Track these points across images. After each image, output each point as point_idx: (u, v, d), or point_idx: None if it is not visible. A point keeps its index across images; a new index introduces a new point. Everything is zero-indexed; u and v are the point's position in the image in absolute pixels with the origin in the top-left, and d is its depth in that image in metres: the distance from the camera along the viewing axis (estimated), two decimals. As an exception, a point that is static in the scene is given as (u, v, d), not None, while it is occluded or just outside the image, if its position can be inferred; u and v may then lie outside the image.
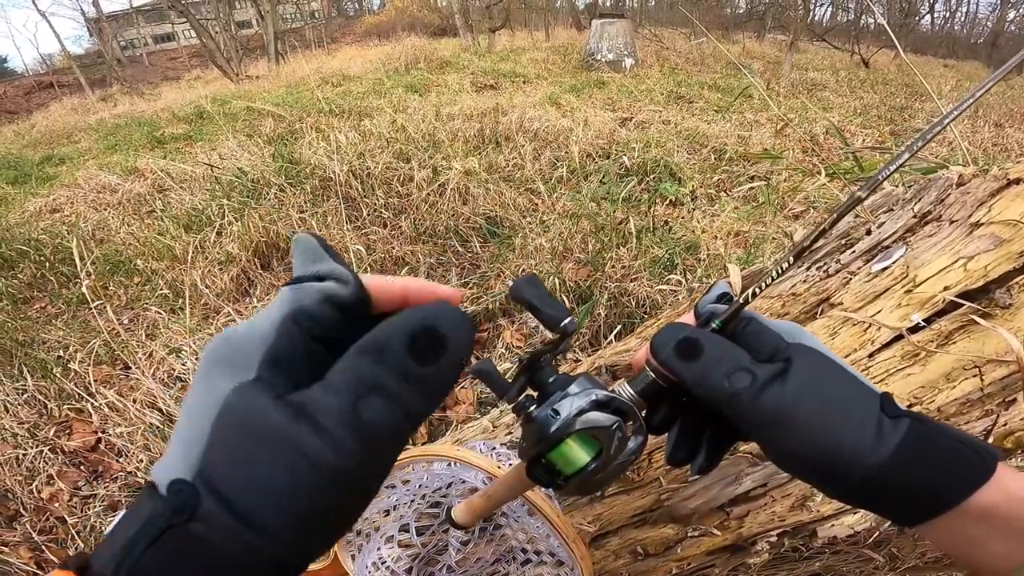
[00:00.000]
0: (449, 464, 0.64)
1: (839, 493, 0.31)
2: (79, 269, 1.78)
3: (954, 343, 0.53)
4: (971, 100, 0.33)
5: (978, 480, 0.27)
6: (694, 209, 2.90)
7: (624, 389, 0.36)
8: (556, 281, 2.06)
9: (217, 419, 0.23)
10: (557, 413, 0.35)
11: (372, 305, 0.28)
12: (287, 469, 0.22)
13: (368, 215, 2.81)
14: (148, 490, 0.23)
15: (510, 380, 0.39)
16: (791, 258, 0.34)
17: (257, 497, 0.22)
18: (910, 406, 0.54)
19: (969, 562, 0.29)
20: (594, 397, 0.35)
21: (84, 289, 1.73)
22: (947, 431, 0.29)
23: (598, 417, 0.35)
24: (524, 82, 7.24)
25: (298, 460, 0.22)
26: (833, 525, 0.55)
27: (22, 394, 1.80)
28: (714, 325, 0.34)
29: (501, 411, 0.88)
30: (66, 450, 1.62)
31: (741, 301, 0.34)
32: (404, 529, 0.66)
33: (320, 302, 0.26)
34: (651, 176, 3.29)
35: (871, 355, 0.57)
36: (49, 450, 1.59)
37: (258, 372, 0.24)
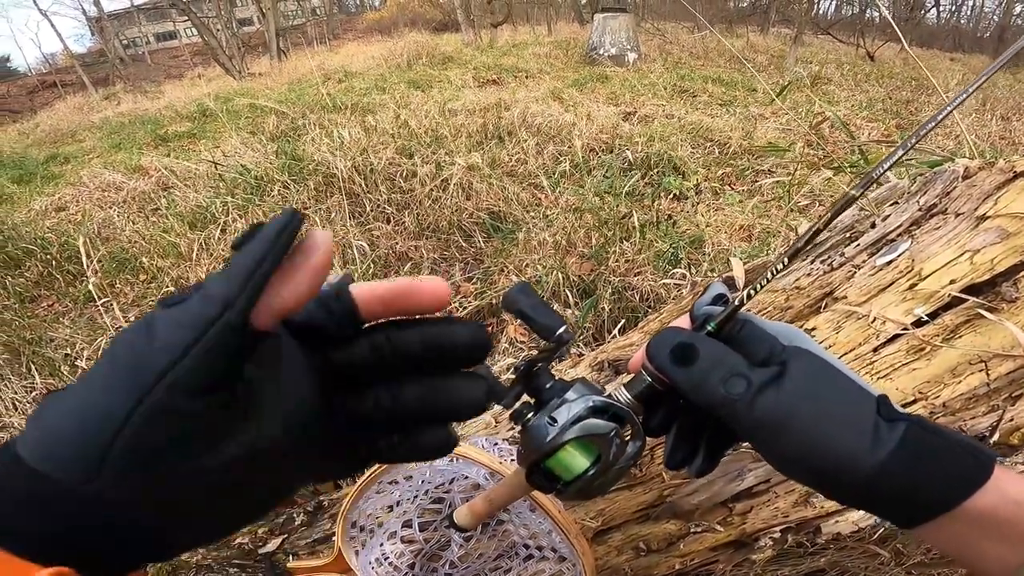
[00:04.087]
0: (451, 460, 0.64)
1: (837, 496, 0.31)
2: (86, 267, 1.79)
3: (960, 337, 0.53)
4: (965, 95, 0.32)
5: (975, 483, 0.27)
6: (698, 203, 2.89)
7: (621, 393, 0.36)
8: (559, 276, 2.05)
9: None
10: (555, 420, 0.35)
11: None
12: None
13: (371, 211, 2.81)
14: None
15: (509, 383, 0.38)
16: (786, 258, 0.34)
17: None
18: (915, 401, 0.53)
19: (967, 564, 0.29)
20: (591, 403, 0.35)
21: (91, 287, 1.74)
22: (945, 434, 0.29)
23: (596, 424, 0.35)
24: (527, 77, 7.20)
25: None
26: (837, 521, 0.55)
27: (30, 392, 1.81)
28: (709, 328, 0.34)
29: (504, 407, 0.88)
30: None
31: (736, 303, 0.34)
32: (407, 525, 0.66)
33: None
34: (655, 170, 3.28)
35: (876, 350, 0.57)
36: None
37: None
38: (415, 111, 4.39)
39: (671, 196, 3.04)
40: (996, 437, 0.50)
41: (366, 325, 0.26)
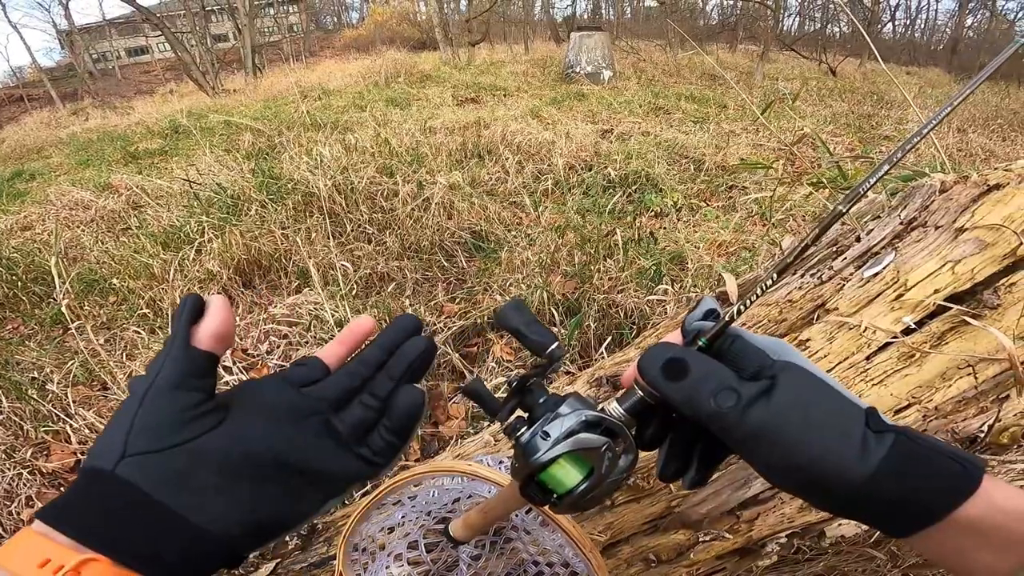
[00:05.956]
0: (454, 479, 0.64)
1: (827, 506, 0.32)
2: (57, 288, 1.73)
3: (947, 343, 0.56)
4: (948, 110, 0.34)
5: (963, 493, 0.28)
6: (678, 220, 2.95)
7: (613, 407, 0.37)
8: (544, 295, 2.06)
9: None
10: (547, 435, 0.35)
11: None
12: None
13: (352, 231, 2.78)
14: None
15: (501, 399, 0.39)
16: (775, 274, 0.35)
17: None
18: (909, 405, 0.55)
19: (957, 572, 0.30)
20: (584, 418, 0.36)
21: (63, 308, 1.68)
22: (933, 445, 0.30)
23: (588, 438, 0.35)
24: (505, 95, 7.30)
25: None
26: (841, 525, 0.57)
27: (-4, 416, 1.73)
28: (700, 343, 0.35)
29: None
30: (44, 472, 1.56)
31: (727, 319, 0.34)
32: (413, 546, 0.66)
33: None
34: (634, 187, 3.34)
35: (868, 358, 0.59)
36: (27, 472, 1.54)
37: None
38: (395, 129, 4.40)
39: (652, 213, 3.09)
40: (987, 438, 0.52)
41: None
